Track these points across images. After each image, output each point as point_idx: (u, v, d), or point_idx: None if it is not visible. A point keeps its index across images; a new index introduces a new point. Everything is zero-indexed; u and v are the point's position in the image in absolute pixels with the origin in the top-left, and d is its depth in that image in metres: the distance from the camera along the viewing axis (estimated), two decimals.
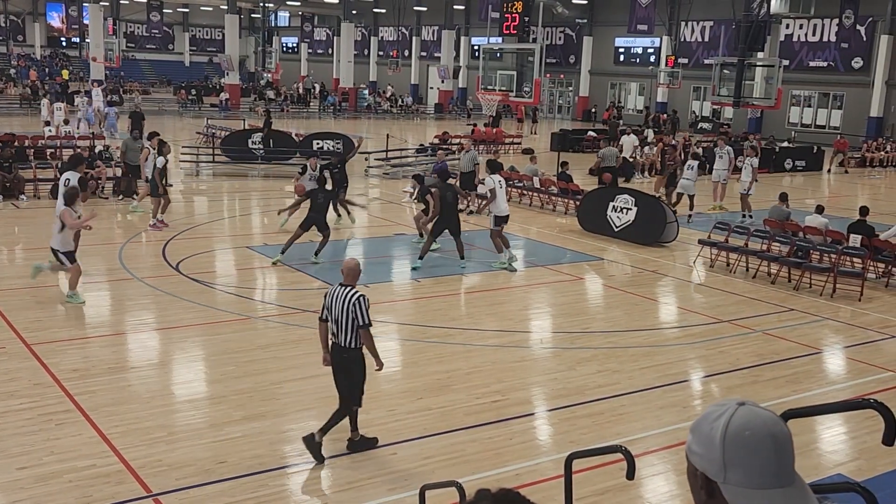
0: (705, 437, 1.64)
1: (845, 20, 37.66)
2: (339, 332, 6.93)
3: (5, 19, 68.59)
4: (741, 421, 1.62)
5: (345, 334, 6.92)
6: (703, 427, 1.66)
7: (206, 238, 15.83)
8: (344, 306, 6.86)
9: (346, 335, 6.92)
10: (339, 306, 6.90)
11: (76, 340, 9.83)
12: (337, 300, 6.94)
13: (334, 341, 7.04)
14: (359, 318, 6.85)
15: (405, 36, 61.70)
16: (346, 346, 6.94)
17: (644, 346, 10.43)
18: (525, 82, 24.10)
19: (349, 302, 6.85)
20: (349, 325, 6.87)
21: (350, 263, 7.21)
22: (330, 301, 7.02)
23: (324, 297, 7.19)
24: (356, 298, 6.88)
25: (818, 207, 15.48)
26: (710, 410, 1.68)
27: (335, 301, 6.95)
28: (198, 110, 48.53)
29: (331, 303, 7.00)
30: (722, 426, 1.62)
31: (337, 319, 6.92)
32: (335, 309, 6.93)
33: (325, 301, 7.09)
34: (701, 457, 1.65)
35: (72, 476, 6.52)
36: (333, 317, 6.96)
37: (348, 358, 6.99)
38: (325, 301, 7.08)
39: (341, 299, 6.91)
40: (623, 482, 6.13)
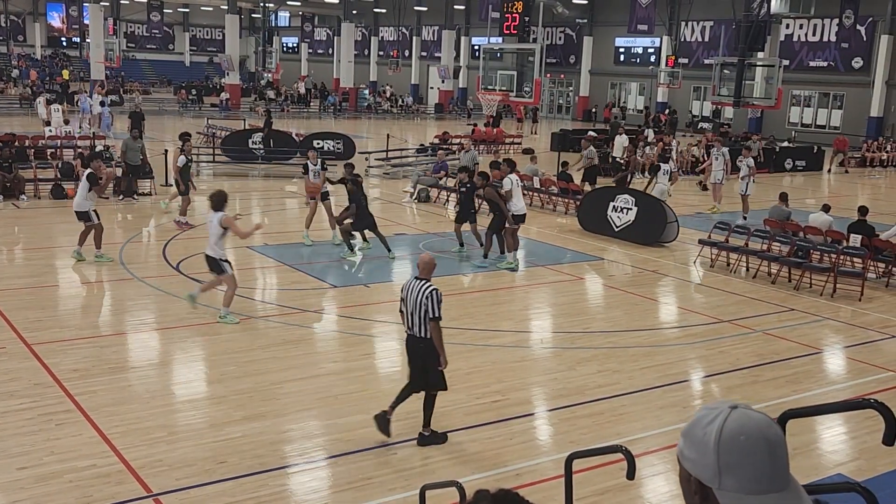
0: (698, 442, 1.62)
1: (845, 20, 37.67)
2: (413, 323, 7.29)
3: (6, 19, 68.59)
4: (735, 425, 1.59)
5: (419, 325, 7.26)
6: (695, 432, 1.63)
7: (206, 238, 15.78)
8: (418, 299, 7.18)
9: (420, 326, 7.26)
10: (413, 299, 7.22)
11: (76, 340, 9.83)
12: (412, 293, 7.25)
13: (409, 332, 7.40)
14: (430, 310, 7.18)
15: (405, 36, 61.70)
16: (420, 336, 7.29)
17: (644, 346, 10.43)
18: (525, 82, 24.14)
19: (423, 294, 7.17)
20: (422, 317, 7.21)
21: (425, 258, 7.58)
22: (406, 293, 7.35)
23: (401, 289, 7.51)
24: (429, 291, 7.21)
25: (824, 206, 15.48)
26: (701, 414, 1.65)
27: (410, 293, 7.28)
28: (198, 110, 48.53)
29: (406, 295, 7.33)
30: (716, 431, 1.60)
31: (412, 311, 7.26)
32: (410, 301, 7.27)
33: (401, 294, 7.46)
34: (694, 462, 1.63)
35: (72, 476, 6.52)
36: (409, 308, 7.29)
37: (423, 347, 7.34)
38: (402, 294, 7.43)
39: (416, 292, 7.22)
40: (623, 482, 6.14)
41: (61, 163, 20.95)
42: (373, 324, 10.85)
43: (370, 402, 8.28)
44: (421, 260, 7.56)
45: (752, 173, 19.66)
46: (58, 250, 14.46)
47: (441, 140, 31.16)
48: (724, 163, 20.71)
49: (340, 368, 9.27)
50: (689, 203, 21.78)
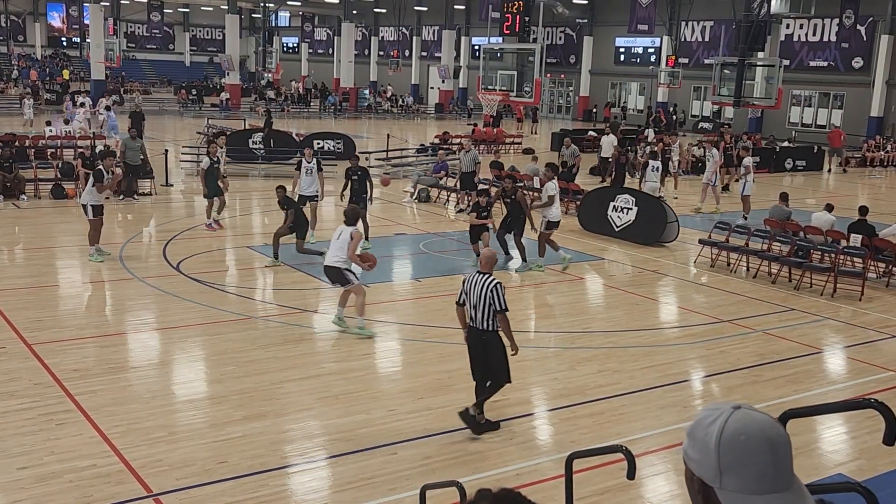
0: (700, 443, 1.62)
1: (845, 20, 37.67)
2: (477, 315, 7.49)
3: (6, 19, 68.60)
4: (736, 426, 1.59)
5: (482, 318, 7.45)
6: (697, 432, 1.64)
7: (206, 238, 15.83)
8: (482, 292, 7.39)
9: (483, 319, 7.45)
10: (476, 292, 7.44)
11: (77, 340, 9.83)
12: (475, 286, 7.46)
13: (472, 324, 7.59)
14: (496, 303, 7.39)
15: (406, 36, 61.70)
16: (483, 328, 7.48)
17: (644, 346, 10.43)
18: (525, 82, 24.14)
19: (487, 288, 7.38)
20: (486, 310, 7.41)
21: (487, 253, 7.89)
22: (468, 287, 7.55)
23: (462, 283, 7.71)
24: (494, 285, 7.41)
25: (827, 206, 15.49)
26: (704, 414, 1.66)
27: (473, 287, 7.48)
28: (198, 110, 48.53)
29: (469, 288, 7.53)
30: (717, 431, 1.60)
31: (475, 304, 7.46)
32: (473, 294, 7.47)
33: (463, 287, 7.65)
34: (697, 462, 1.63)
35: (72, 476, 6.52)
36: (472, 302, 7.50)
37: (486, 339, 7.52)
38: (464, 287, 7.62)
39: (479, 285, 7.44)
40: (624, 482, 6.13)
41: (61, 163, 20.95)
42: (373, 324, 10.84)
43: (370, 402, 8.29)
44: (483, 255, 7.89)
45: (748, 172, 19.68)
46: (58, 250, 14.46)
47: (441, 140, 31.16)
48: (714, 163, 20.73)
49: (340, 368, 9.26)
50: (690, 203, 21.77)
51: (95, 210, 13.36)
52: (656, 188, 19.11)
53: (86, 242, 13.60)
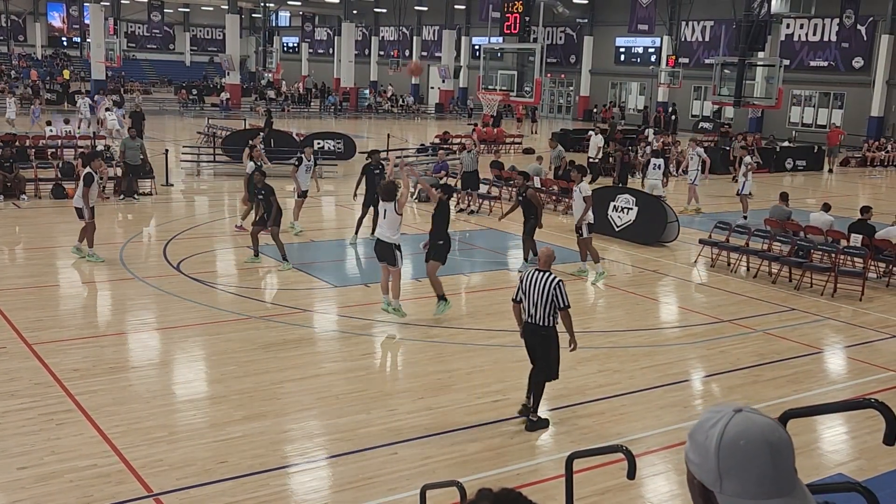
0: (701, 446, 1.61)
1: (846, 20, 37.66)
2: (537, 312, 7.65)
3: (6, 19, 68.60)
4: (737, 429, 1.58)
5: (543, 314, 7.64)
6: (698, 435, 1.62)
7: (206, 238, 15.83)
8: (543, 289, 7.59)
9: (543, 315, 7.64)
10: (538, 289, 7.61)
11: (77, 340, 9.83)
12: (535, 283, 7.64)
13: (529, 320, 7.75)
14: (559, 300, 7.63)
15: (406, 36, 61.70)
16: (542, 324, 7.66)
17: (645, 346, 10.43)
18: (525, 82, 24.13)
19: (550, 285, 7.60)
20: (547, 306, 7.61)
21: (546, 251, 8.04)
22: (527, 285, 7.71)
23: (520, 280, 7.86)
24: (556, 282, 7.65)
25: (825, 206, 15.48)
26: (706, 417, 1.64)
27: (533, 284, 7.65)
28: (199, 110, 48.53)
29: (528, 286, 7.69)
30: (717, 435, 1.58)
31: (535, 301, 7.63)
32: (534, 292, 7.63)
33: (521, 285, 7.80)
34: (697, 465, 1.62)
35: (72, 476, 6.52)
36: (532, 299, 7.65)
37: (545, 335, 7.71)
38: (522, 285, 7.78)
39: (540, 283, 7.62)
40: (624, 482, 6.13)
41: (62, 163, 20.96)
42: (373, 324, 10.85)
43: (370, 402, 8.29)
44: (542, 253, 8.05)
45: (750, 170, 19.70)
46: (58, 250, 14.46)
47: (441, 140, 31.16)
48: (699, 163, 20.70)
49: (340, 368, 9.26)
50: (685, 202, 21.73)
51: (88, 212, 13.28)
52: (658, 186, 19.15)
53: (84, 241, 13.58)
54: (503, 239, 16.52)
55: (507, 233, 16.51)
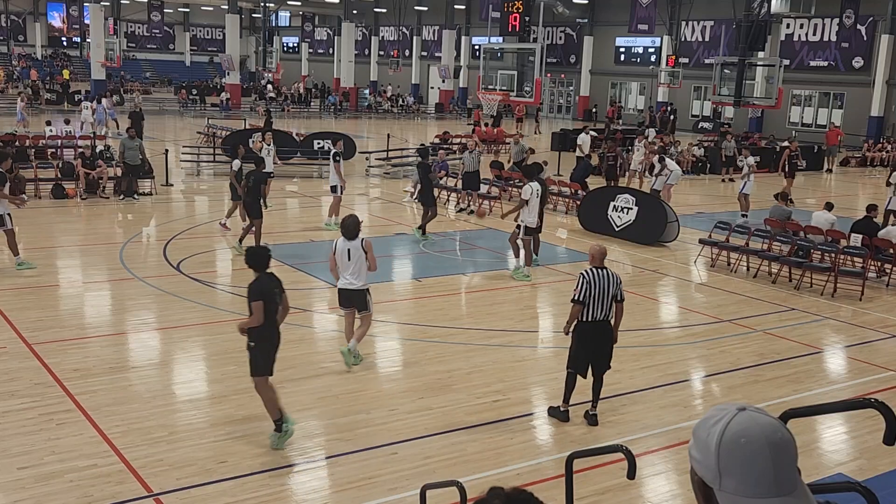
0: (702, 443, 1.62)
1: (846, 20, 37.64)
2: (604, 308, 7.80)
3: (6, 19, 68.58)
4: (738, 428, 1.59)
5: (607, 310, 7.82)
6: (701, 432, 1.64)
7: (206, 238, 15.83)
8: (610, 286, 7.77)
9: (607, 310, 7.82)
10: (604, 286, 7.76)
11: (77, 340, 9.83)
12: (601, 280, 7.77)
13: (589, 319, 7.80)
14: (620, 294, 7.85)
15: (406, 36, 61.68)
16: (605, 320, 7.86)
17: (645, 346, 10.43)
18: (525, 82, 24.11)
19: (616, 280, 7.84)
20: (611, 301, 7.80)
21: (599, 248, 8.14)
22: (592, 282, 7.77)
23: (580, 281, 7.84)
24: (619, 277, 7.93)
25: (827, 204, 15.49)
26: (709, 414, 1.65)
27: (599, 282, 7.76)
28: (201, 110, 48.51)
29: (593, 283, 7.76)
30: (718, 432, 1.59)
31: (601, 298, 7.76)
32: (599, 288, 7.74)
33: (581, 285, 7.79)
34: (699, 462, 1.63)
35: (73, 476, 6.52)
36: (597, 296, 7.74)
37: (608, 329, 7.92)
38: (582, 285, 7.78)
39: (606, 280, 7.78)
40: (624, 482, 6.14)
41: (62, 163, 20.95)
42: (374, 323, 10.83)
43: (370, 402, 8.29)
44: (596, 251, 8.09)
45: (752, 171, 19.73)
46: (58, 250, 14.46)
47: (441, 140, 31.15)
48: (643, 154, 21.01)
49: (340, 368, 9.25)
50: (691, 203, 21.77)
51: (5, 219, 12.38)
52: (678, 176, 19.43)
53: (86, 242, 13.59)
54: (503, 239, 16.51)
55: (507, 233, 16.49)
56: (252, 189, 13.91)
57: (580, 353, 7.97)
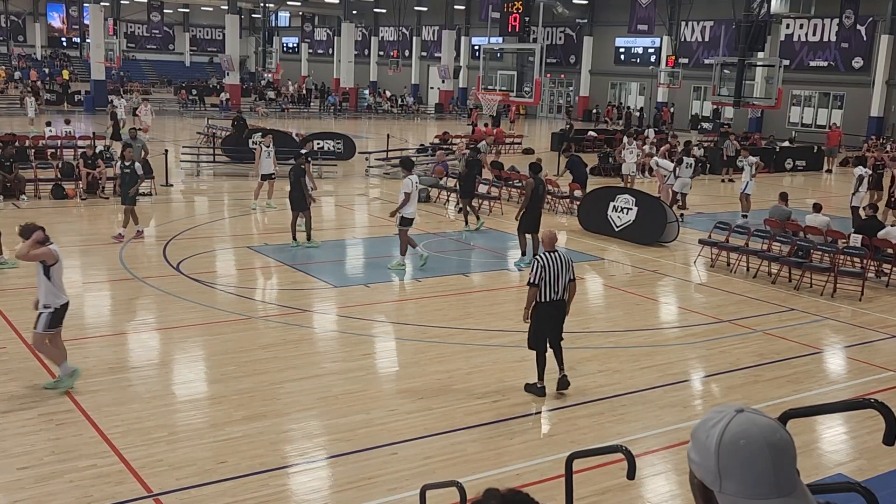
0: (701, 445, 1.62)
1: (845, 20, 37.65)
2: (559, 288, 8.37)
3: (6, 19, 68.59)
4: (737, 429, 1.58)
5: (562, 289, 8.40)
6: (700, 434, 1.64)
7: (206, 238, 15.83)
8: (563, 266, 8.37)
9: (562, 290, 8.41)
10: (558, 267, 8.33)
11: (76, 340, 9.82)
12: (554, 263, 8.33)
13: (548, 299, 8.34)
14: (572, 274, 8.49)
15: (405, 36, 61.69)
16: (561, 298, 8.45)
17: (644, 346, 10.43)
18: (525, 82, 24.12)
19: (568, 261, 8.46)
20: (565, 281, 8.40)
21: (550, 233, 8.84)
22: (546, 265, 8.29)
23: (534, 265, 8.36)
24: (570, 257, 8.58)
25: (815, 206, 15.52)
26: (708, 416, 1.65)
27: (553, 264, 8.31)
28: (199, 111, 48.51)
29: (548, 266, 8.28)
30: (717, 434, 1.59)
31: (557, 279, 8.33)
32: (554, 270, 8.30)
33: (536, 269, 8.30)
34: (698, 465, 1.63)
35: (72, 476, 6.52)
36: (553, 278, 8.30)
37: (562, 307, 8.50)
38: (537, 269, 8.29)
39: (559, 261, 8.36)
40: (624, 482, 6.14)
41: (62, 163, 20.95)
42: (373, 324, 10.85)
43: (370, 402, 8.29)
44: (547, 236, 8.77)
45: (758, 169, 19.87)
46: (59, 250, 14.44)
47: (441, 140, 31.16)
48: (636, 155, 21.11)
49: (340, 368, 9.26)
50: (691, 203, 21.75)
51: None
52: (688, 185, 19.37)
53: (86, 243, 13.59)
54: (503, 239, 16.53)
55: (507, 233, 16.51)
56: (294, 183, 14.51)
57: (539, 333, 8.49)
